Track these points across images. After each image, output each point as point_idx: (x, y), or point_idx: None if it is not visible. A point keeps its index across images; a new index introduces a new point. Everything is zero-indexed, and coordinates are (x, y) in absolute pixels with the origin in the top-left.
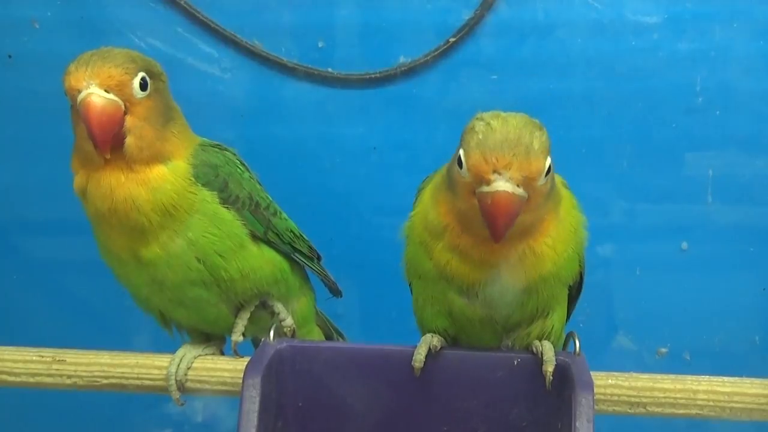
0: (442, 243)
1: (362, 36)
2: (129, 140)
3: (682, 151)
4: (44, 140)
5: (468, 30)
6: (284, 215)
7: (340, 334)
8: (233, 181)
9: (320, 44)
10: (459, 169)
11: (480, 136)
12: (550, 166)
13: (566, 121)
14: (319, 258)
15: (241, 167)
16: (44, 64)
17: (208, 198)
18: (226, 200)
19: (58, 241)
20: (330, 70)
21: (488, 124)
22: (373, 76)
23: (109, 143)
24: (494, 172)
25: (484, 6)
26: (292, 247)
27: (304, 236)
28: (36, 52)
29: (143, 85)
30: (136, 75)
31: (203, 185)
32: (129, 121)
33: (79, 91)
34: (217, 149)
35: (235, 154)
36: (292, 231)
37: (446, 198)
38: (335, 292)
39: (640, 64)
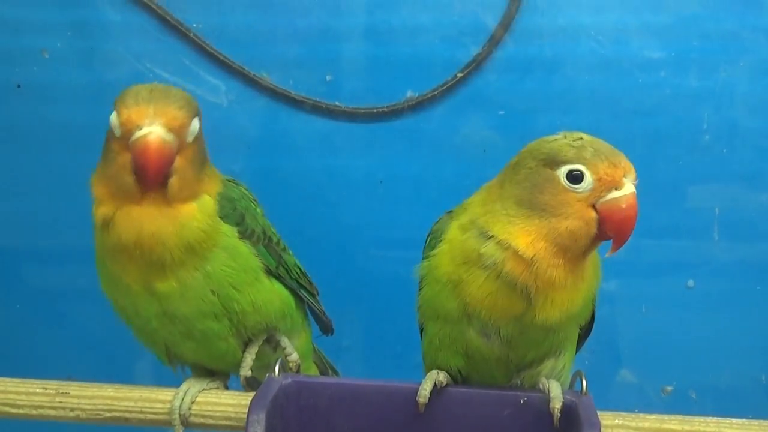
0: (485, 277)
1: (370, 70)
2: (173, 180)
3: (688, 188)
4: (52, 169)
5: (475, 65)
6: (291, 252)
7: (335, 371)
8: (249, 216)
9: (328, 78)
10: (572, 185)
11: (592, 149)
12: None
13: None
14: (317, 293)
15: (253, 203)
16: (53, 93)
17: (228, 232)
18: (243, 234)
19: (62, 271)
20: (337, 103)
21: (580, 138)
22: (380, 110)
23: (159, 182)
24: (624, 176)
25: (492, 42)
26: (298, 282)
27: (306, 272)
28: (45, 81)
29: (195, 129)
30: (194, 118)
31: (222, 218)
32: (178, 161)
33: (139, 127)
34: (232, 184)
35: (247, 189)
36: (298, 267)
37: (530, 227)
38: (327, 330)
39: (647, 101)
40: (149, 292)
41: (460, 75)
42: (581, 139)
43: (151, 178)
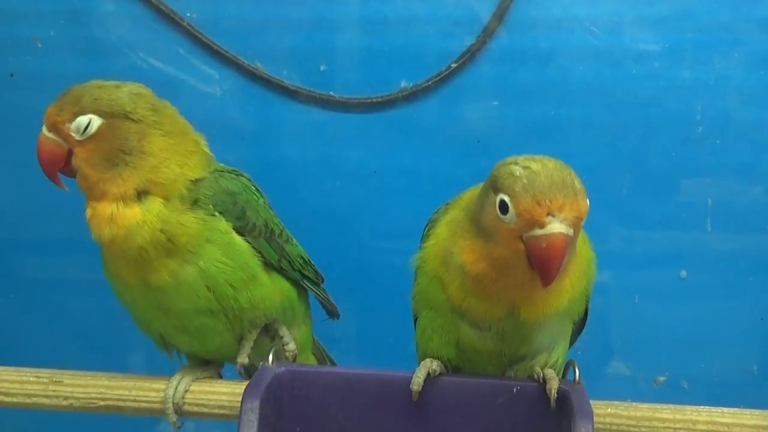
0: (460, 281)
1: (364, 60)
2: (77, 179)
3: (681, 179)
4: None
5: (470, 56)
6: (295, 241)
7: (333, 363)
8: (251, 209)
9: (322, 68)
10: (501, 215)
11: (525, 180)
12: None
13: (566, 147)
14: (323, 281)
15: (256, 194)
16: (46, 83)
17: (223, 228)
18: (243, 228)
19: (56, 260)
20: (331, 93)
21: (528, 167)
22: (374, 100)
23: (54, 178)
24: (548, 214)
25: (486, 32)
26: (301, 273)
27: (311, 261)
28: (38, 71)
29: (84, 128)
30: (74, 118)
31: (220, 213)
32: (73, 160)
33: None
34: (233, 175)
35: (250, 180)
36: (302, 257)
37: (476, 246)
38: (333, 315)
39: (641, 92)
40: (144, 285)
41: (454, 65)
42: (528, 167)
43: (44, 173)
